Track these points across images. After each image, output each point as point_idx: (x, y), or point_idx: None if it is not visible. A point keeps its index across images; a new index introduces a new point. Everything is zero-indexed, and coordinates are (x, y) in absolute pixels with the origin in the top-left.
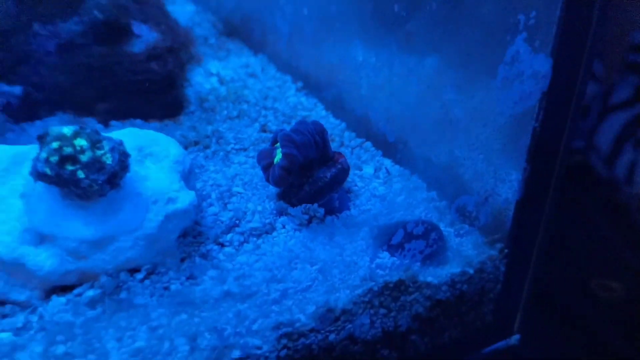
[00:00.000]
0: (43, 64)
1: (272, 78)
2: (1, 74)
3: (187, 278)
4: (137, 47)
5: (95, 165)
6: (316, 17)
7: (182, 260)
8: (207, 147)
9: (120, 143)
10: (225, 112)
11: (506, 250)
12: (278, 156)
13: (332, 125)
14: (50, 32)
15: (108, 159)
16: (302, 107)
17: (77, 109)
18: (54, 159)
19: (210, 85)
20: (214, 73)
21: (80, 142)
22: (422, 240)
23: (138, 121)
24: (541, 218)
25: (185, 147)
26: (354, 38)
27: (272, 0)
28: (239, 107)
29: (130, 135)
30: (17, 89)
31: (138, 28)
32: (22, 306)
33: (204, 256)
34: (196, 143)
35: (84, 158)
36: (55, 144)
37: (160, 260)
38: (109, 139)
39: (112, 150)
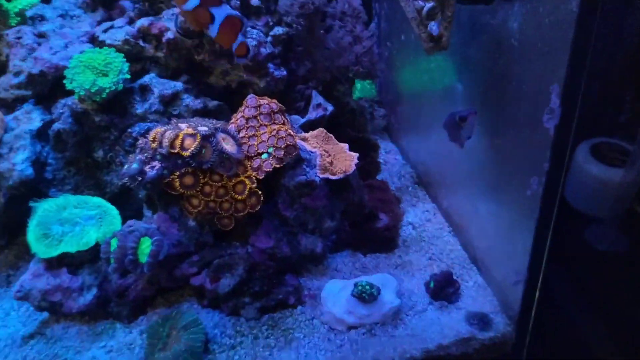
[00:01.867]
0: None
1: (438, 223)
2: None
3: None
4: (380, 224)
5: (372, 295)
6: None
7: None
8: (404, 268)
9: (378, 288)
10: (414, 247)
11: None
12: None
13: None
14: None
15: (375, 292)
16: (449, 244)
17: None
18: (358, 292)
19: (408, 232)
20: (410, 222)
21: (366, 287)
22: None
23: (382, 254)
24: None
25: (395, 267)
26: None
27: (447, 162)
28: (421, 243)
29: (379, 278)
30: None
31: (381, 215)
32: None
33: (400, 319)
34: (400, 265)
35: (368, 292)
36: (359, 288)
37: (386, 320)
38: (376, 286)
39: (376, 290)
